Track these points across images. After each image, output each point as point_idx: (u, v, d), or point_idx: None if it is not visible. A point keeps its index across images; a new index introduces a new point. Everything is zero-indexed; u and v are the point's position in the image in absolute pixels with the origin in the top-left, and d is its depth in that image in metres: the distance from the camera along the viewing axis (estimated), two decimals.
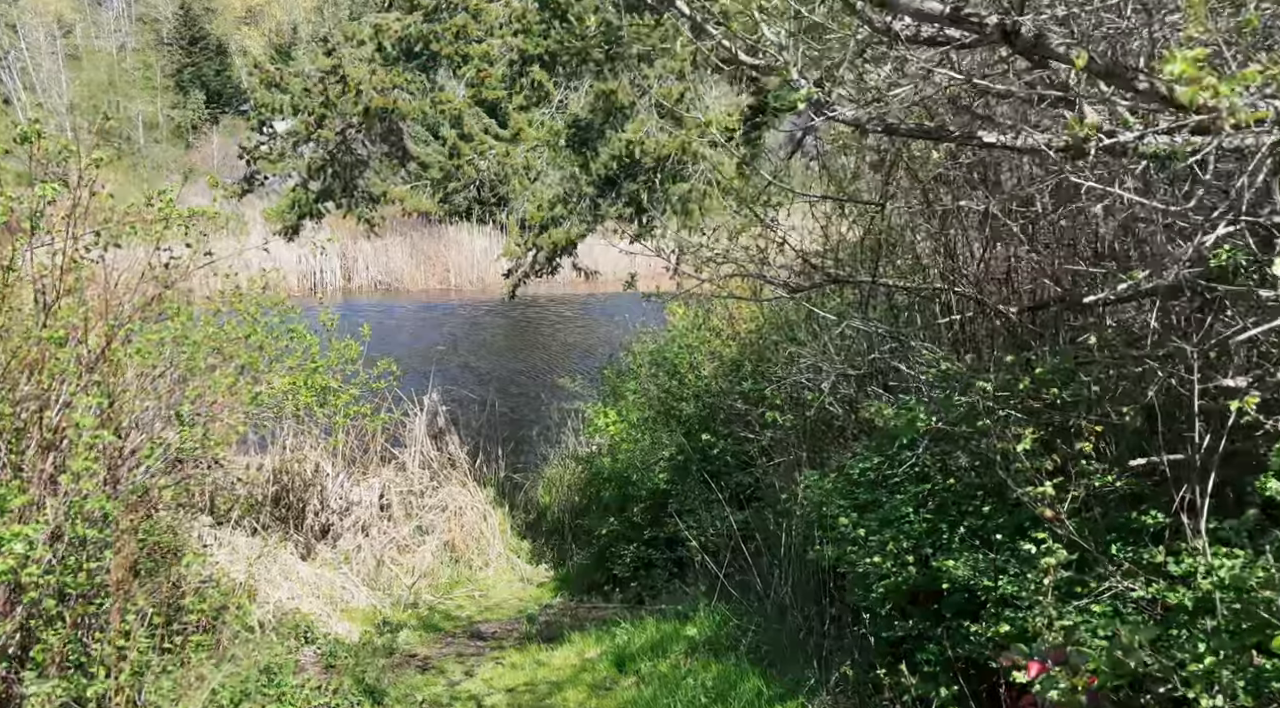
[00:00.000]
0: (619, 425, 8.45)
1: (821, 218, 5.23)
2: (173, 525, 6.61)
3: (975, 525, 4.05)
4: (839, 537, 4.29)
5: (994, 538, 3.87)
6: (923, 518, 4.16)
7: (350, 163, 10.58)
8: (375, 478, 9.88)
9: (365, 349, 8.81)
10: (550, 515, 10.47)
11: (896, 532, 4.10)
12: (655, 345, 9.09)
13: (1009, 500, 4.04)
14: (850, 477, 4.50)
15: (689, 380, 7.82)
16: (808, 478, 4.86)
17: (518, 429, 13.12)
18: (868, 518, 4.16)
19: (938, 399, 4.28)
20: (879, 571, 4.08)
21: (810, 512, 4.68)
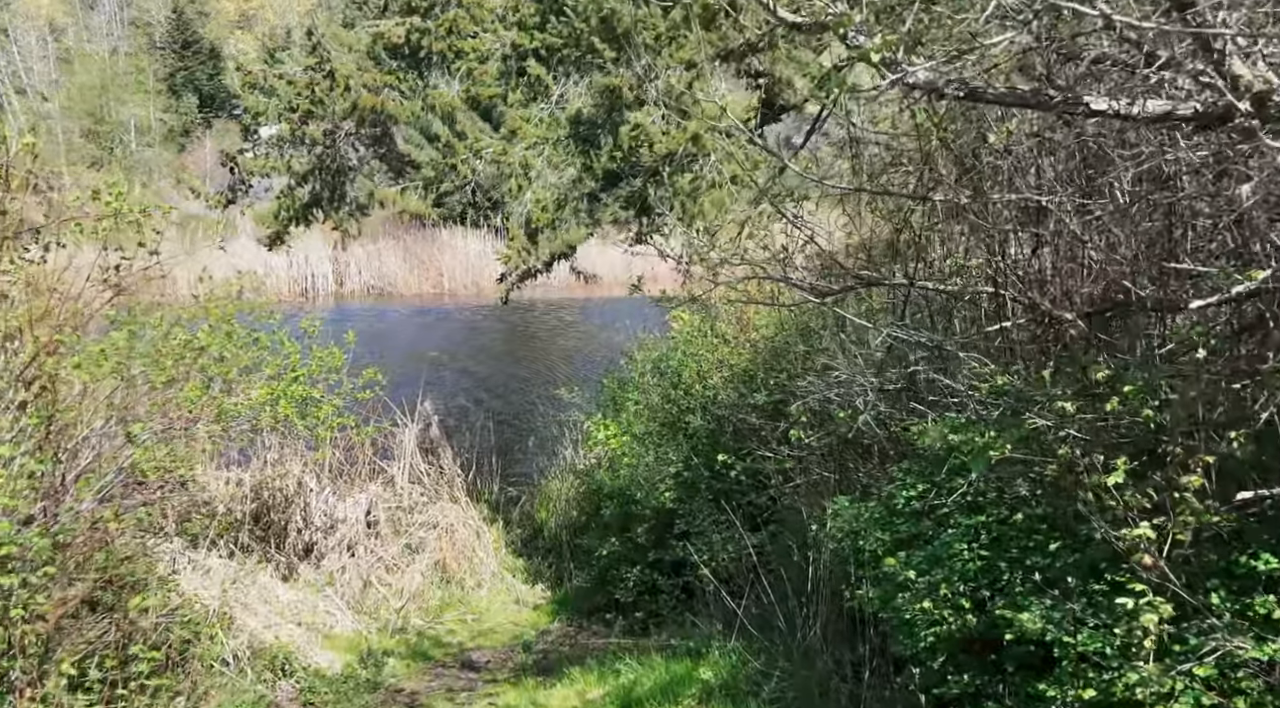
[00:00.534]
0: (620, 439, 7.89)
1: (851, 213, 4.67)
2: (139, 552, 6.03)
3: (1039, 565, 3.49)
4: (881, 576, 3.73)
5: (1067, 581, 3.32)
6: (977, 555, 3.61)
7: (338, 169, 10.02)
8: (362, 493, 9.30)
9: (350, 357, 8.25)
10: (547, 532, 9.90)
11: (949, 572, 3.54)
12: (658, 353, 8.53)
13: (1079, 537, 3.49)
14: (891, 506, 3.94)
15: (695, 391, 7.26)
16: (839, 505, 4.30)
17: (513, 440, 12.54)
18: (915, 555, 3.60)
19: (996, 420, 3.72)
20: (929, 616, 3.52)
21: (844, 543, 4.12)
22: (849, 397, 4.41)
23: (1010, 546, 3.62)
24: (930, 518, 3.84)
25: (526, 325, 23.39)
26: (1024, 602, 3.38)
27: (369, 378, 8.11)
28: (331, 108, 8.47)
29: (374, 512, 9.31)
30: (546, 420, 12.44)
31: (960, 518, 3.71)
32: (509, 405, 15.04)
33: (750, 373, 6.59)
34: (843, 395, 4.44)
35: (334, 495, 9.18)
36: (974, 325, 4.36)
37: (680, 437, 7.23)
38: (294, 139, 8.92)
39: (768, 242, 5.09)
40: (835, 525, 4.31)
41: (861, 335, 4.71)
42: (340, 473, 9.56)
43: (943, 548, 3.62)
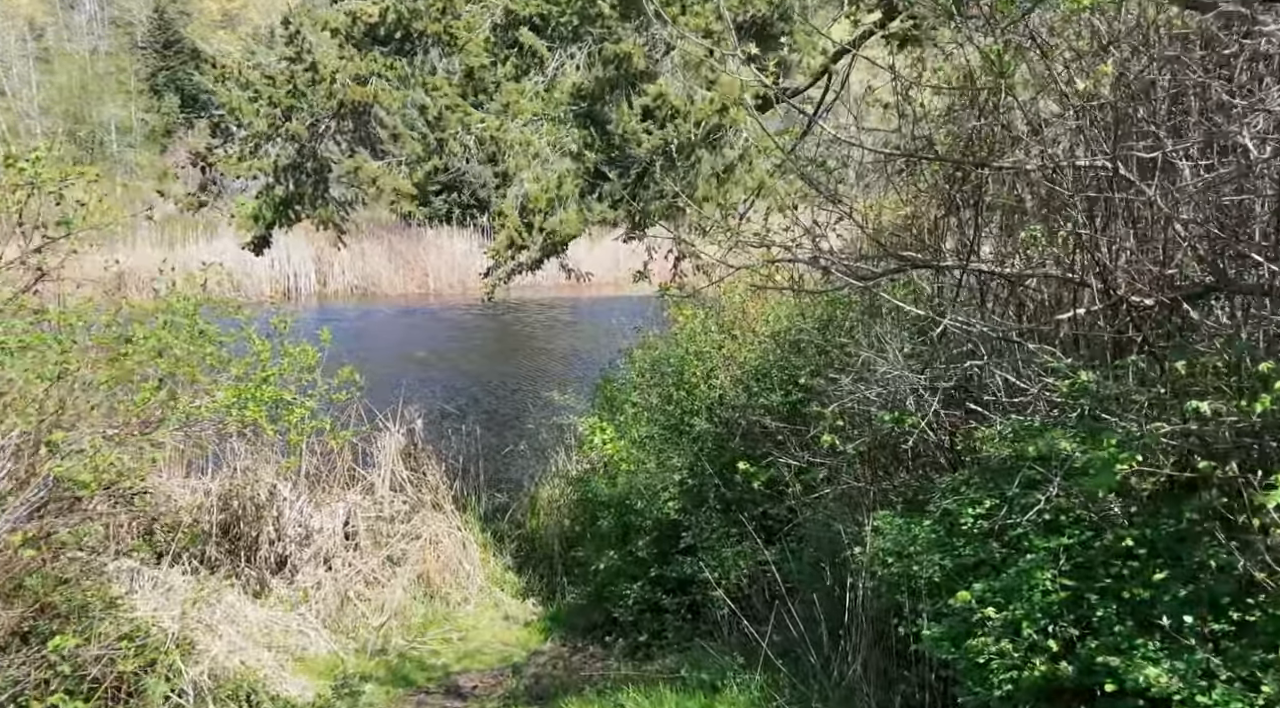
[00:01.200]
0: (618, 443, 7.25)
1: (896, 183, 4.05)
2: (80, 574, 5.37)
3: (1139, 599, 2.89)
4: (946, 609, 3.11)
5: (1180, 619, 2.72)
6: (1059, 585, 3.00)
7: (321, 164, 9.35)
8: (340, 502, 8.63)
9: (326, 356, 7.58)
10: (539, 542, 9.25)
11: (1029, 606, 2.93)
12: (658, 352, 7.90)
13: (1186, 564, 2.89)
14: (951, 525, 3.33)
15: (700, 392, 6.64)
16: (883, 522, 3.68)
17: (502, 444, 11.89)
18: (988, 586, 2.98)
19: (1076, 423, 3.12)
20: (1006, 660, 2.91)
21: (891, 567, 3.50)
22: (892, 397, 3.79)
23: (1100, 574, 3.01)
24: (999, 540, 3.23)
25: (515, 325, 22.73)
26: (1126, 644, 2.77)
27: (345, 378, 7.44)
28: (314, 102, 7.80)
29: (353, 522, 8.64)
30: (537, 423, 11.80)
31: (1037, 540, 3.10)
32: (498, 408, 14.39)
33: (762, 371, 5.97)
34: (882, 395, 3.82)
35: (310, 505, 8.51)
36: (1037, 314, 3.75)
37: (684, 441, 6.60)
38: (272, 135, 8.23)
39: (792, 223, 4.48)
40: (879, 546, 3.69)
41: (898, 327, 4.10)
42: (317, 480, 8.89)
43: (1020, 577, 3.01)
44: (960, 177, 3.88)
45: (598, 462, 8.32)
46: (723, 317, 6.87)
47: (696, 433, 6.41)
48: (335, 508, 8.57)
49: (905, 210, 4.08)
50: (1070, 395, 3.11)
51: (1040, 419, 3.39)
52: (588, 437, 7.74)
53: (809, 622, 4.36)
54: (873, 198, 4.96)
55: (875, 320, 4.26)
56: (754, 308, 7.18)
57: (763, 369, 5.95)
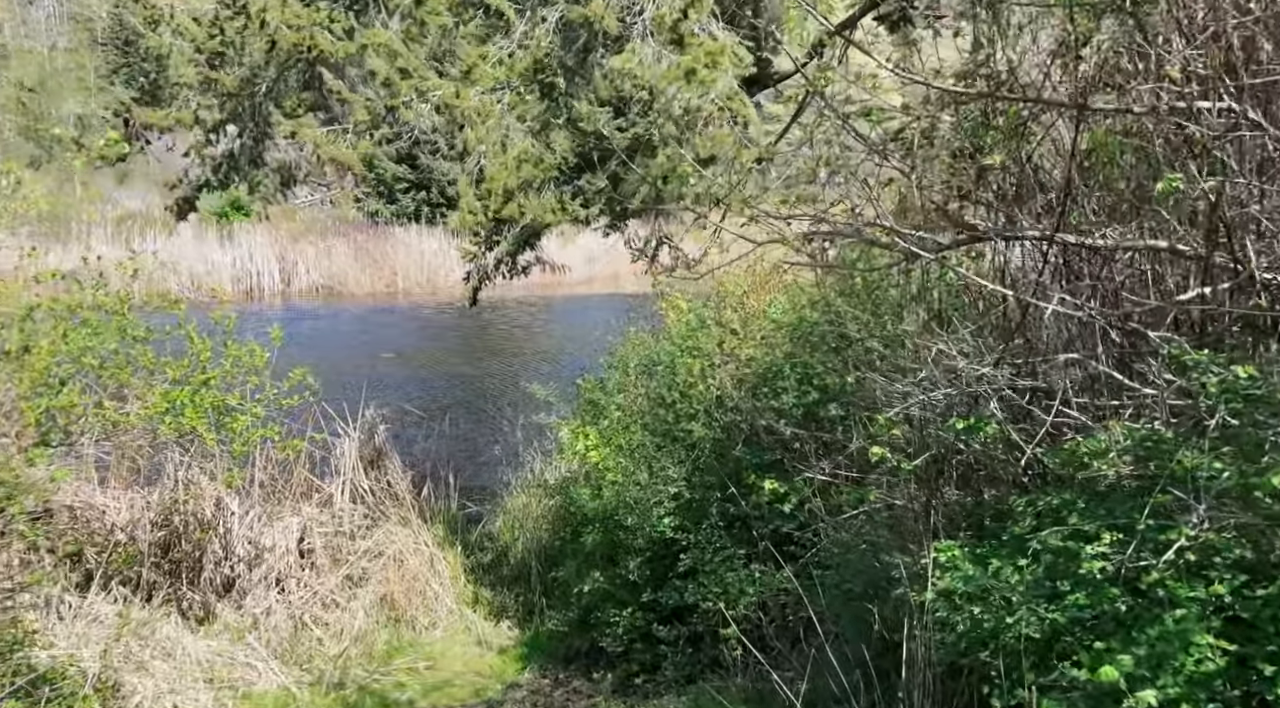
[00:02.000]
0: (602, 450, 6.45)
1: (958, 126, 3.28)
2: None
3: None
4: (1061, 682, 2.34)
5: None
6: (1216, 645, 2.24)
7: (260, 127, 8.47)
8: (294, 517, 7.75)
9: (275, 357, 6.73)
10: (514, 557, 8.42)
11: (1183, 681, 2.17)
12: (647, 350, 7.11)
13: None
14: (1055, 563, 2.57)
15: (697, 392, 5.86)
16: (950, 553, 2.93)
17: (474, 450, 11.05)
18: (1131, 653, 2.22)
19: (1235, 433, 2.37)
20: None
21: (969, 617, 2.73)
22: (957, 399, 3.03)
23: (1271, 631, 2.26)
24: (1123, 586, 2.47)
25: (487, 324, 21.84)
26: None
27: (297, 380, 6.59)
28: (248, 50, 6.93)
29: (309, 538, 7.77)
30: (511, 426, 10.97)
31: (1179, 588, 2.34)
32: (469, 410, 13.52)
33: (773, 369, 5.19)
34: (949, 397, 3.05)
35: (260, 520, 7.63)
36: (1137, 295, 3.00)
37: (679, 448, 5.81)
38: (202, 87, 7.35)
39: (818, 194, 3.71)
40: (947, 584, 2.92)
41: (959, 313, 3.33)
42: (270, 493, 8.01)
43: (1167, 640, 2.24)
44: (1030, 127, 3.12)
45: (579, 470, 7.53)
46: (722, 311, 6.08)
47: (694, 440, 5.62)
48: (289, 523, 7.69)
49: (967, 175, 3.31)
50: (1220, 397, 2.36)
51: (1159, 426, 2.64)
52: (568, 443, 6.94)
53: (844, 668, 3.58)
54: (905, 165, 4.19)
55: (921, 305, 3.50)
56: (756, 300, 6.41)
57: (773, 367, 5.17)
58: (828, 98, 3.69)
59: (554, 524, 8.00)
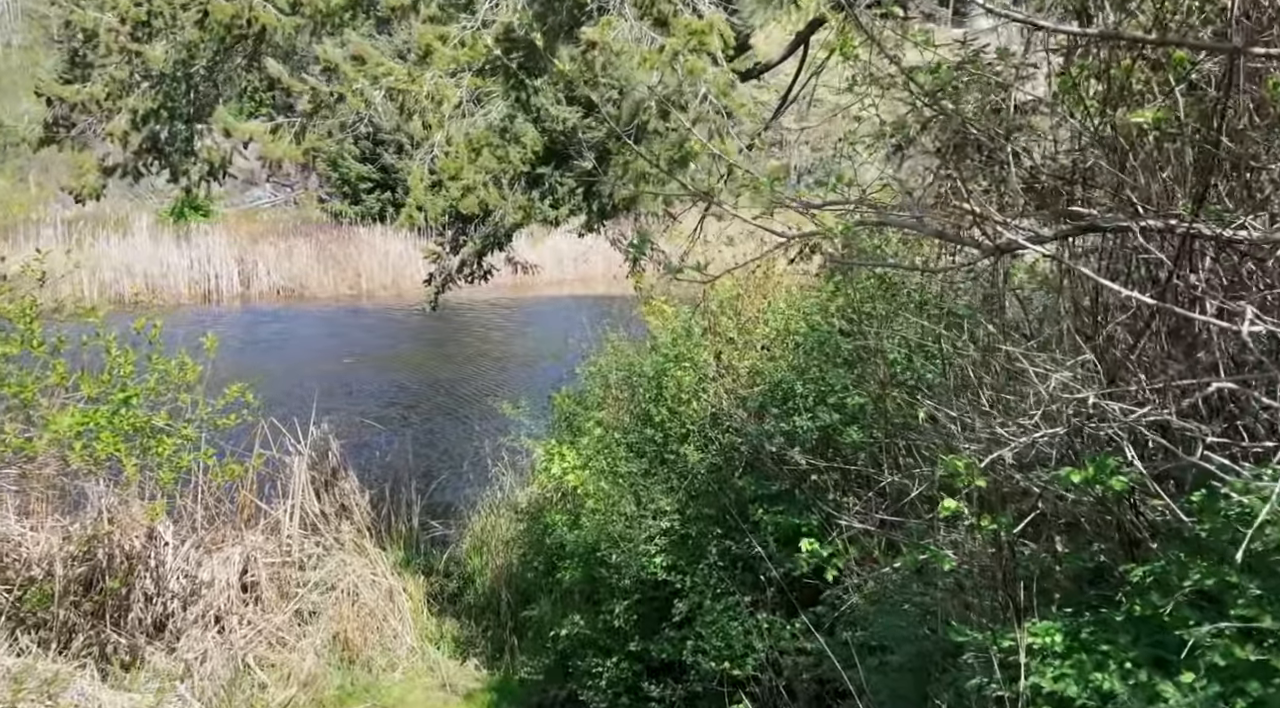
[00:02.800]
0: (580, 474, 5.67)
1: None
2: None
3: None
4: None
5: None
6: None
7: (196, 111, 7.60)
8: (235, 547, 6.89)
9: (209, 368, 5.87)
10: (481, 585, 7.62)
11: None
12: (628, 360, 6.35)
13: None
14: (1229, 676, 1.83)
15: (690, 410, 5.10)
16: (1049, 639, 2.20)
17: (439, 463, 10.22)
18: None
19: None
20: None
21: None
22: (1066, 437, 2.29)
23: None
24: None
25: (453, 327, 20.94)
26: None
27: (234, 396, 5.73)
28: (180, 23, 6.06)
29: (252, 570, 6.91)
30: (479, 437, 10.16)
31: None
32: (433, 420, 12.65)
33: (782, 387, 4.44)
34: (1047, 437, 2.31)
35: (198, 550, 6.77)
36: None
37: (670, 474, 5.05)
38: (123, 59, 6.47)
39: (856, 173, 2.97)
40: (1050, 683, 2.18)
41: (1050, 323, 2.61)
42: (211, 519, 7.14)
43: None
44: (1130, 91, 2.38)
45: (553, 492, 6.74)
46: (717, 317, 5.32)
47: (688, 466, 4.86)
48: (230, 554, 6.83)
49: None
50: None
51: None
52: (543, 464, 6.15)
53: None
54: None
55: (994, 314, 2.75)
56: (751, 305, 5.66)
57: (782, 384, 4.41)
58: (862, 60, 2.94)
59: (526, 549, 7.20)
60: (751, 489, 4.47)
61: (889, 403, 3.33)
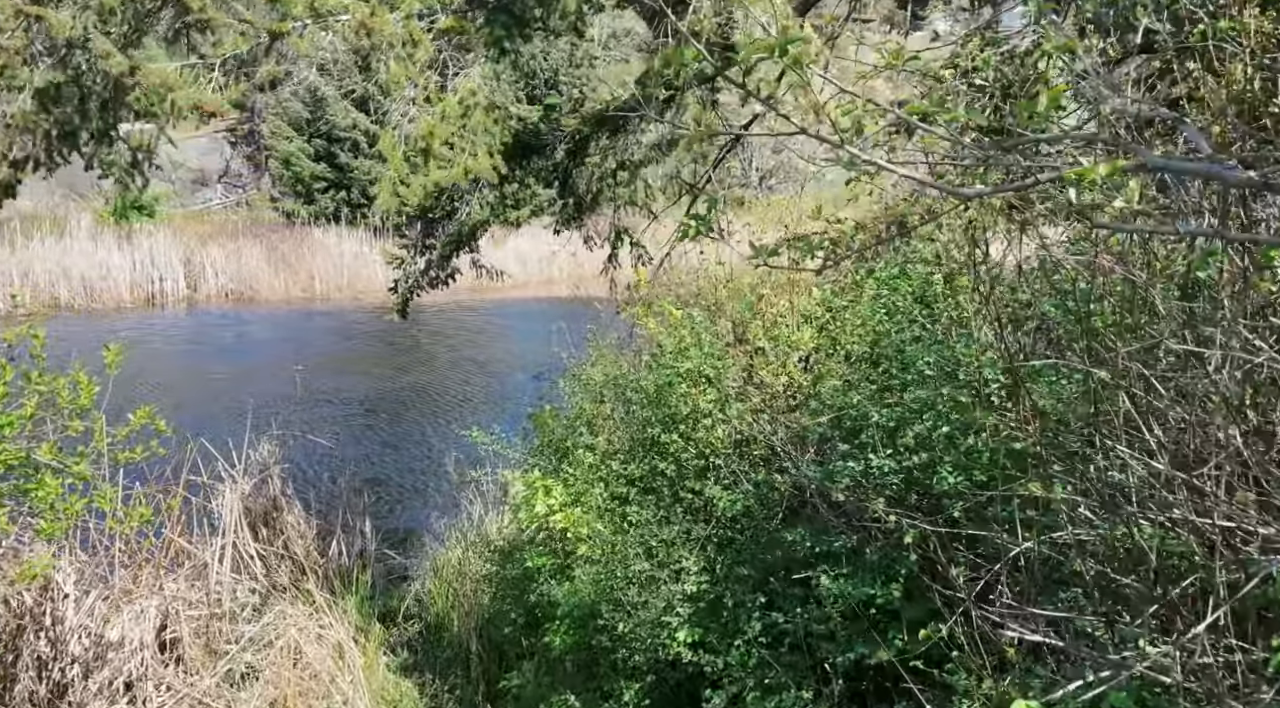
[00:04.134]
0: (572, 513, 4.55)
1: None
2: None
3: None
4: None
5: None
6: None
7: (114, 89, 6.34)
8: (152, 597, 5.66)
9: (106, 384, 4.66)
10: (448, 634, 6.46)
11: None
12: (617, 371, 5.25)
13: None
14: None
15: (714, 437, 4.01)
16: None
17: (398, 489, 9.02)
18: None
19: None
20: None
21: None
22: None
23: None
24: None
25: (412, 332, 19.63)
26: None
27: (140, 422, 4.52)
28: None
29: (173, 625, 5.69)
30: (442, 457, 8.99)
31: None
32: (390, 434, 11.40)
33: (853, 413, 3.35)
34: None
35: (105, 603, 5.53)
36: None
37: (690, 519, 3.95)
38: (23, 28, 5.23)
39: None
40: None
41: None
42: (127, 561, 5.90)
43: None
44: None
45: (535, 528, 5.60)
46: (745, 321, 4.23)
47: (715, 509, 3.76)
48: (145, 607, 5.60)
49: None
50: None
51: None
52: (523, 501, 5.01)
53: None
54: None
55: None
56: (771, 308, 4.58)
57: (855, 411, 3.33)
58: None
59: (502, 594, 6.05)
60: (805, 545, 3.39)
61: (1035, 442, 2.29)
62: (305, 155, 29.05)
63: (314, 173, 28.95)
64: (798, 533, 3.43)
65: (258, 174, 37.44)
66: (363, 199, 28.65)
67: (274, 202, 31.16)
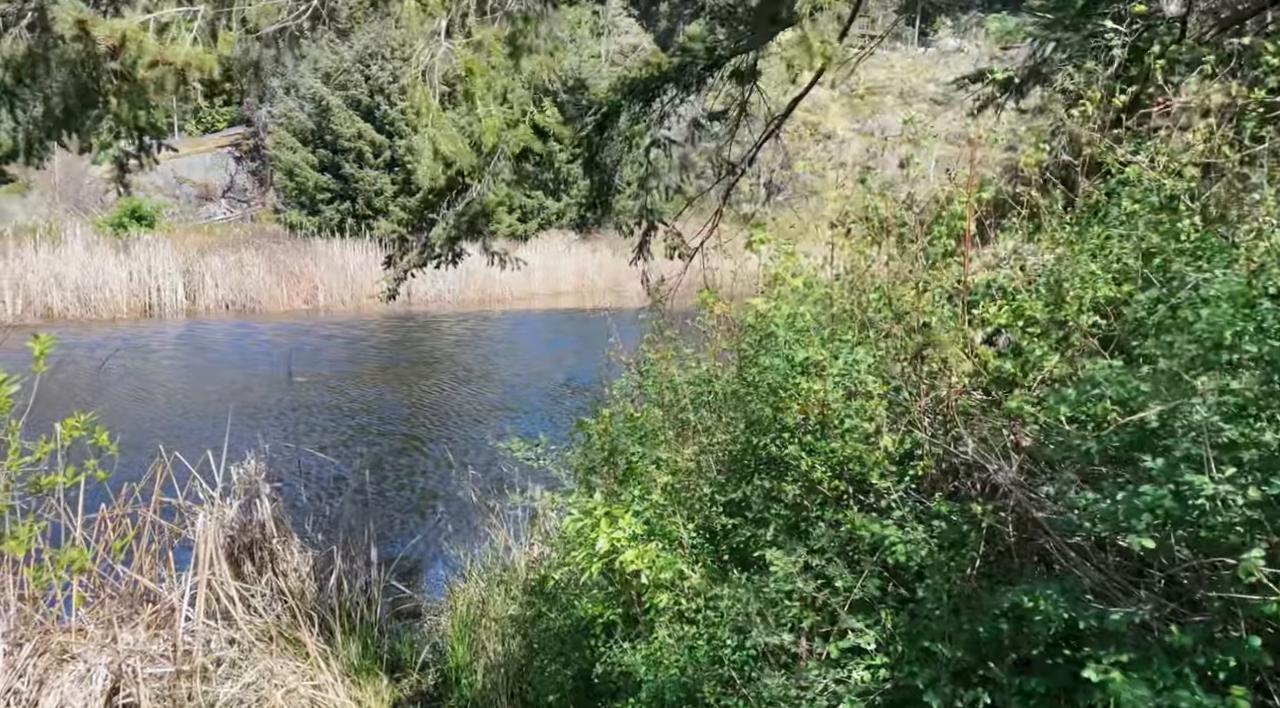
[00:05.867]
0: (647, 550, 3.29)
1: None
2: None
3: None
4: None
5: None
6: None
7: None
8: (102, 652, 4.38)
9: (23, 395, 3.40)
10: (469, 688, 5.17)
11: None
12: (698, 370, 4.01)
13: None
14: None
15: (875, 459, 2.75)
16: None
17: (406, 513, 7.74)
18: None
19: None
20: None
21: None
22: None
23: None
24: None
25: (416, 344, 18.38)
26: None
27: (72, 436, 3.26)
28: None
29: (128, 688, 4.40)
30: (456, 476, 7.73)
31: None
32: (397, 454, 10.10)
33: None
34: None
35: (41, 660, 4.25)
36: None
37: (837, 564, 2.69)
38: None
39: None
40: None
41: None
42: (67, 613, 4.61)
43: None
44: None
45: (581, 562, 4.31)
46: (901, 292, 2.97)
47: (894, 556, 2.50)
48: (93, 664, 4.32)
49: None
50: None
51: None
52: (577, 532, 3.72)
53: None
54: None
55: None
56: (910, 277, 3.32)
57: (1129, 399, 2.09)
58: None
59: (541, 642, 4.76)
60: (1055, 614, 2.12)
61: None
62: (309, 166, 27.89)
63: (318, 183, 27.79)
64: (1035, 597, 2.17)
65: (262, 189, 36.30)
66: (367, 210, 27.48)
67: (277, 213, 29.97)
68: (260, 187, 36.39)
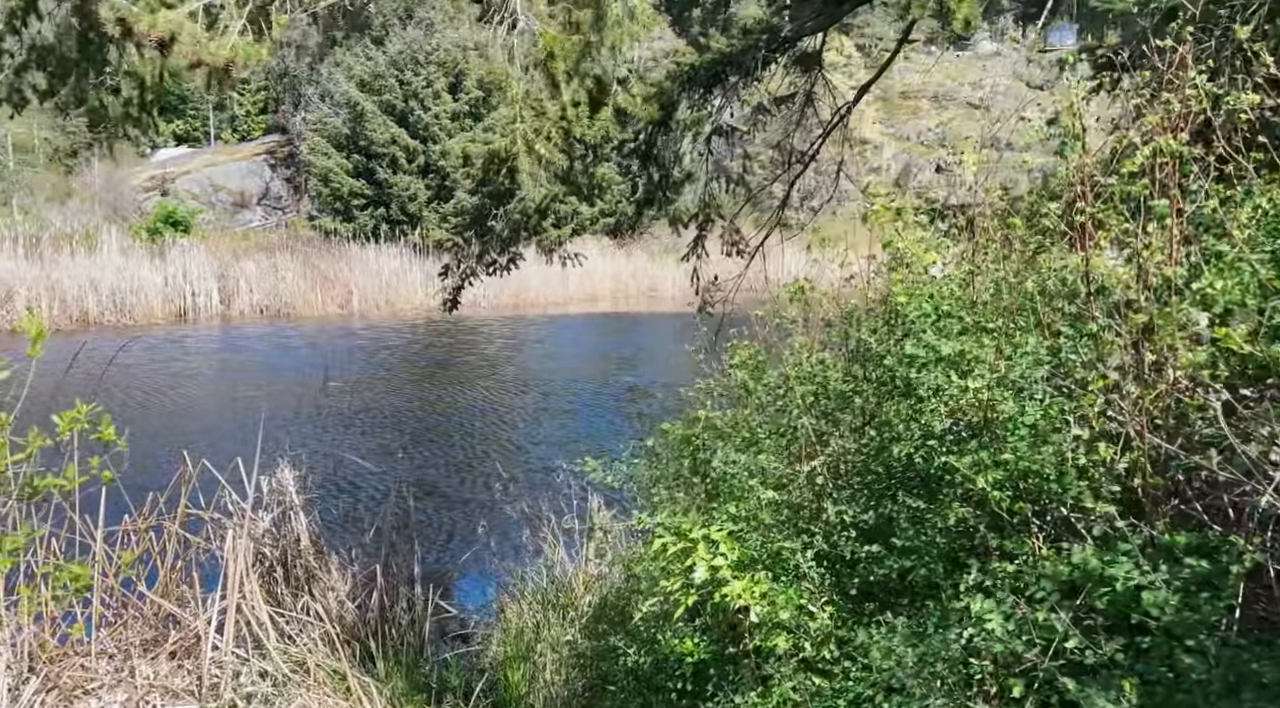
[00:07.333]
0: (760, 583, 2.67)
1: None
2: None
3: None
4: None
5: None
6: None
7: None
8: (118, 688, 3.82)
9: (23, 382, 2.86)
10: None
11: None
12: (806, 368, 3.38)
13: None
14: None
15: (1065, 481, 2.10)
16: None
17: (446, 527, 7.15)
18: None
19: None
20: None
21: None
22: None
23: None
24: None
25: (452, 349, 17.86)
26: None
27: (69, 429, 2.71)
28: None
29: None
30: (500, 484, 7.14)
31: None
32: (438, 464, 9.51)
33: None
34: None
35: (51, 697, 3.70)
36: None
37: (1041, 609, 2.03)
38: None
39: None
40: None
41: None
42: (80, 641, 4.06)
43: None
44: None
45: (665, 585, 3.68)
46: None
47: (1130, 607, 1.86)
48: (108, 703, 3.76)
49: None
50: None
51: None
52: (667, 560, 3.09)
53: None
54: None
55: None
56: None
57: None
58: None
59: (617, 680, 4.13)
60: None
61: None
62: (344, 171, 27.56)
63: (353, 189, 27.44)
64: None
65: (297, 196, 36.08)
66: (402, 216, 27.07)
67: (312, 220, 29.67)
68: (295, 193, 36.17)
